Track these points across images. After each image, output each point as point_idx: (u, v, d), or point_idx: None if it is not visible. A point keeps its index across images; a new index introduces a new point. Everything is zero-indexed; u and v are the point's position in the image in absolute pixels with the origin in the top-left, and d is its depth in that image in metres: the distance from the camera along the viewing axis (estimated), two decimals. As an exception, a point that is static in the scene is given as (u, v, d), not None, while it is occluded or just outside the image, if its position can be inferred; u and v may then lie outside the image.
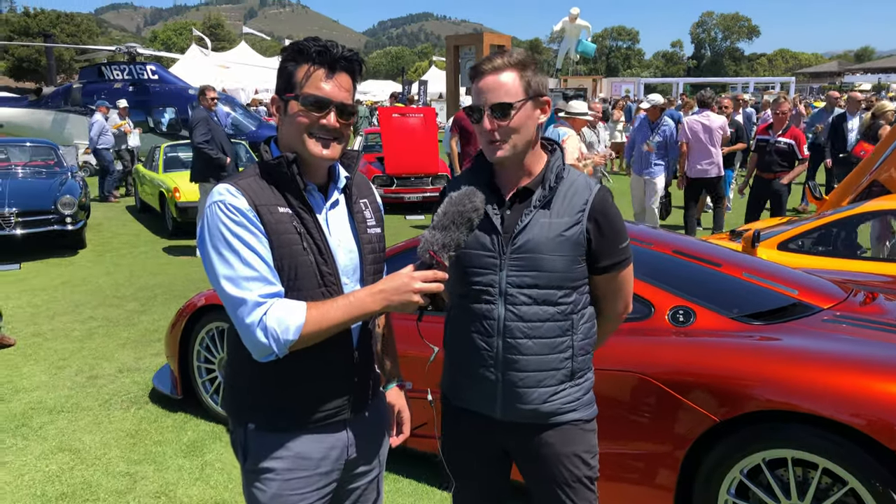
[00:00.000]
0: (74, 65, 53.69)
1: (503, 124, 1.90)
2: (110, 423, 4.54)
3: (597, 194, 1.97)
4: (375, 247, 1.96)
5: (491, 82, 1.91)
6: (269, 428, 1.84)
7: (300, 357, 1.75)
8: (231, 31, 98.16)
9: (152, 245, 10.30)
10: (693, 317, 3.11)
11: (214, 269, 1.71)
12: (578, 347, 2.02)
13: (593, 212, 1.95)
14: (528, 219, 1.95)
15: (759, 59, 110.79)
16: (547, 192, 1.96)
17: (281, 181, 1.78)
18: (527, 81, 1.91)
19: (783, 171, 8.34)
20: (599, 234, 1.96)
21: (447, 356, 2.17)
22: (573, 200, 1.96)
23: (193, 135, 8.52)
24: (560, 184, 1.97)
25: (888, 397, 2.54)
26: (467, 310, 2.04)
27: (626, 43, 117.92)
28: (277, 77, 1.83)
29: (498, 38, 15.93)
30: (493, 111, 1.90)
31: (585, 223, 1.95)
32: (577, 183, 1.99)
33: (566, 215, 1.95)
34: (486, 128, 1.92)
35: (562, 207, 1.95)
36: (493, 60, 1.92)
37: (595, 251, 1.98)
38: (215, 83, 27.24)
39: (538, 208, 1.95)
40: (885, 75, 59.87)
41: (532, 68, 1.93)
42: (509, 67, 1.90)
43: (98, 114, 14.54)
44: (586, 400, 2.07)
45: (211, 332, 4.45)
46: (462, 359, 2.09)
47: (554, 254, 1.93)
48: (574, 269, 1.97)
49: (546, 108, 1.97)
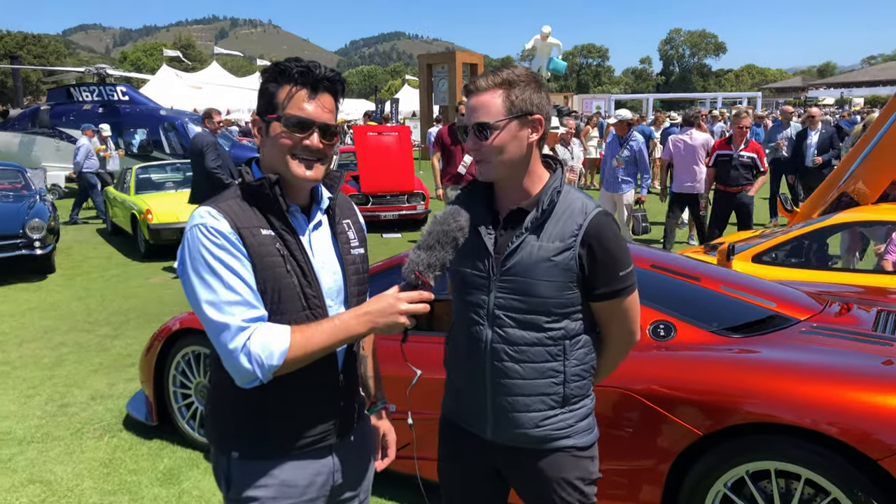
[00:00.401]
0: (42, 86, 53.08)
1: (484, 144, 1.88)
2: (83, 452, 4.43)
3: (593, 219, 1.89)
4: (359, 267, 1.94)
5: (474, 102, 1.90)
6: (253, 455, 1.80)
7: (285, 382, 1.72)
8: (202, 52, 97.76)
9: (124, 268, 10.15)
10: (674, 331, 3.13)
11: (196, 294, 1.67)
12: (571, 374, 1.95)
13: (587, 237, 1.87)
14: (519, 241, 1.90)
15: (727, 75, 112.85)
16: (540, 214, 1.91)
17: (263, 203, 1.76)
18: (511, 101, 1.87)
19: (748, 183, 8.46)
20: (594, 261, 1.88)
21: (446, 374, 2.16)
22: (566, 224, 1.89)
23: (205, 160, 8.43)
24: (555, 206, 1.91)
25: (867, 407, 2.57)
26: (461, 329, 2.03)
27: (596, 60, 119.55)
28: (259, 98, 1.81)
29: (470, 56, 16.08)
30: (476, 131, 1.89)
31: (578, 248, 1.87)
32: (573, 206, 1.91)
33: (557, 240, 1.88)
34: (468, 146, 1.92)
35: (554, 231, 1.89)
36: (478, 80, 1.91)
37: (590, 278, 1.90)
38: (187, 104, 27.17)
39: (529, 231, 1.90)
40: (847, 90, 61.29)
41: (521, 87, 1.88)
42: (495, 87, 1.88)
43: (84, 137, 14.38)
44: (583, 426, 2.01)
45: (187, 356, 4.38)
46: (456, 377, 2.08)
47: (542, 278, 1.88)
48: (564, 296, 1.90)
49: (539, 127, 1.91)
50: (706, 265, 4.21)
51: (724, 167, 8.50)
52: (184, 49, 76.09)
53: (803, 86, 77.43)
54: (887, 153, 6.42)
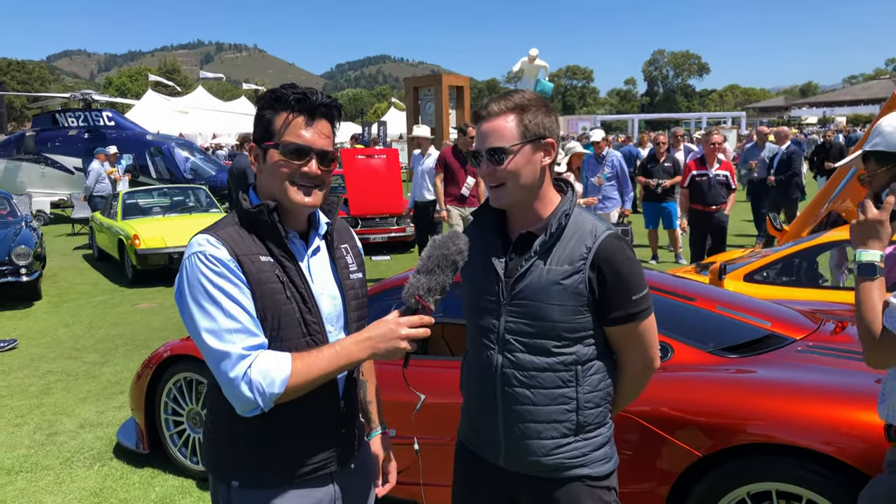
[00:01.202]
0: (26, 112, 52.91)
1: (499, 168, 1.87)
2: (72, 481, 4.35)
3: (602, 241, 1.85)
4: (358, 292, 1.93)
5: (487, 127, 1.89)
6: (253, 484, 1.78)
7: (285, 409, 1.69)
8: (188, 76, 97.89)
9: (111, 294, 10.05)
10: (671, 352, 3.12)
11: (195, 322, 1.65)
12: (585, 400, 1.91)
13: (597, 260, 1.84)
14: (528, 265, 1.89)
15: (711, 95, 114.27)
16: (548, 237, 1.89)
17: (261, 229, 1.75)
18: (525, 125, 1.87)
19: (724, 202, 8.49)
20: (604, 284, 1.85)
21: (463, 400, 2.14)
22: (575, 248, 1.87)
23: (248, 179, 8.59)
24: (563, 230, 1.89)
25: (865, 426, 2.57)
26: (474, 354, 2.02)
27: (581, 81, 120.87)
28: (255, 125, 1.80)
29: (456, 79, 16.14)
30: (489, 156, 1.89)
31: (587, 272, 1.84)
32: (583, 229, 1.89)
33: (566, 263, 1.86)
34: (482, 172, 1.91)
35: (562, 255, 1.87)
36: (490, 105, 1.91)
37: (601, 302, 1.86)
38: (173, 128, 27.13)
39: (538, 255, 1.89)
40: (830, 109, 62.19)
41: (533, 111, 1.88)
42: (507, 112, 1.88)
43: (96, 161, 14.41)
44: (598, 456, 1.96)
45: (179, 383, 4.33)
46: (470, 403, 2.07)
47: (551, 302, 1.85)
48: (575, 320, 1.87)
49: (551, 151, 1.91)
50: (701, 285, 4.22)
51: (700, 187, 8.50)
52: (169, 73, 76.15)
53: (786, 105, 78.55)
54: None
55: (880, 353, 1.94)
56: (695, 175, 8.54)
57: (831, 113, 56.23)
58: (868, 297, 1.95)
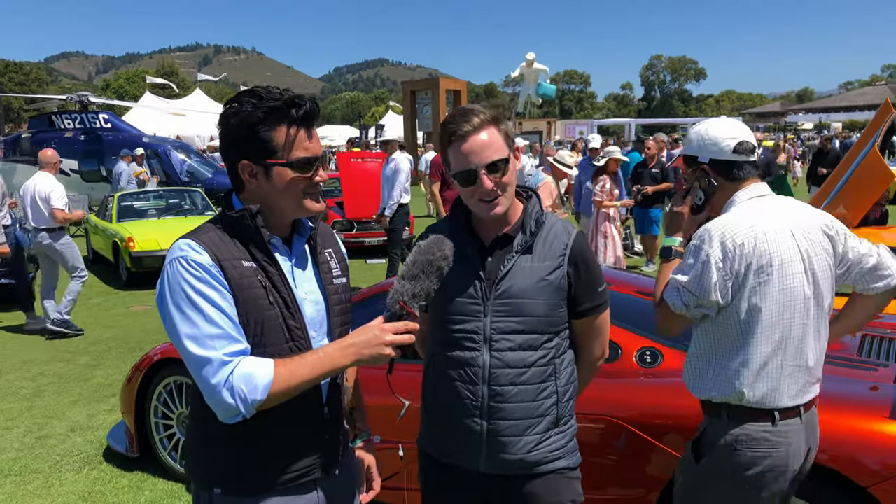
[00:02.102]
0: (23, 114, 52.81)
1: (502, 180, 1.92)
2: (61, 485, 4.33)
3: (576, 238, 2.00)
4: (342, 297, 1.92)
5: (478, 142, 1.91)
6: (236, 492, 1.76)
7: (269, 416, 1.68)
8: (186, 79, 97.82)
9: (105, 296, 10.03)
10: (660, 357, 3.12)
11: (176, 328, 1.64)
12: (562, 392, 2.01)
13: (574, 255, 1.97)
14: (511, 264, 1.96)
15: (707, 100, 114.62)
16: (528, 237, 1.97)
17: (244, 234, 1.73)
18: (505, 133, 1.94)
19: None
20: (579, 278, 1.98)
21: (425, 408, 2.11)
22: (554, 245, 1.98)
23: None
24: (541, 229, 2.00)
25: (855, 433, 2.57)
26: (449, 358, 2.01)
27: (579, 86, 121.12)
28: (244, 141, 1.70)
29: (453, 83, 16.21)
30: (490, 169, 1.90)
31: (566, 267, 1.96)
32: (556, 227, 2.01)
33: (548, 259, 1.96)
34: (488, 187, 1.91)
35: (543, 252, 1.97)
36: (470, 120, 1.91)
37: (575, 295, 1.99)
38: (170, 131, 27.09)
39: (520, 253, 1.96)
40: (826, 115, 62.37)
41: (504, 120, 1.95)
42: (488, 124, 1.92)
43: (122, 162, 14.42)
44: (571, 447, 2.06)
45: (169, 386, 4.31)
46: (444, 410, 2.04)
47: (537, 298, 1.94)
48: (556, 314, 1.97)
49: (518, 154, 1.99)
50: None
51: None
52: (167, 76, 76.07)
53: (782, 111, 78.73)
54: (867, 177, 6.49)
55: (659, 318, 2.31)
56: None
57: (827, 119, 56.39)
58: (663, 275, 2.31)
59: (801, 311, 2.14)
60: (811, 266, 2.16)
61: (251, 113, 1.69)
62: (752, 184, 2.27)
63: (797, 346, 2.15)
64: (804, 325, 2.16)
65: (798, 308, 2.14)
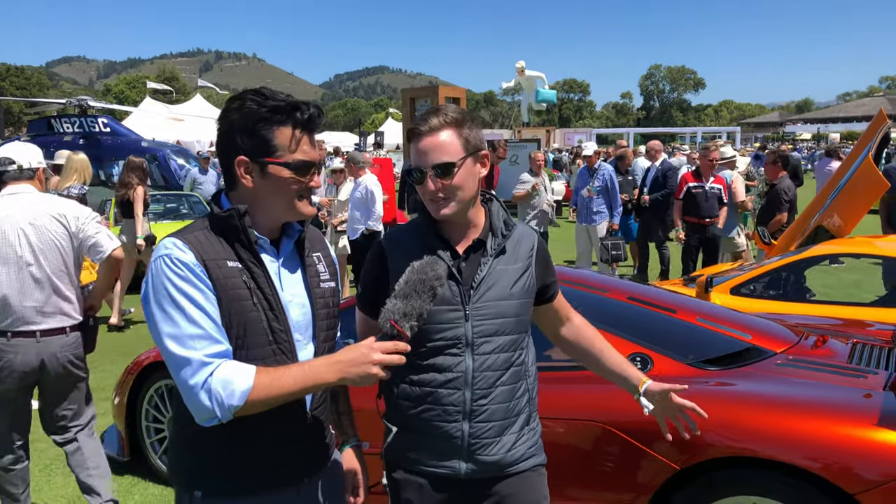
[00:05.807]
0: (24, 118, 52.88)
1: (447, 183, 1.90)
2: (50, 489, 4.32)
3: (538, 238, 2.12)
4: (329, 301, 1.91)
5: (430, 143, 1.90)
6: (217, 495, 1.75)
7: (252, 419, 1.66)
8: (186, 84, 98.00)
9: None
10: (650, 364, 3.11)
11: (158, 327, 1.63)
12: (532, 390, 2.07)
13: (538, 254, 2.07)
14: (487, 267, 1.97)
15: (706, 110, 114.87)
16: (500, 239, 2.00)
17: (231, 234, 1.73)
18: (465, 138, 1.92)
19: (717, 215, 8.47)
20: (544, 272, 2.09)
21: (395, 420, 2.03)
22: (522, 246, 2.04)
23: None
24: (512, 231, 2.03)
25: (844, 440, 2.56)
26: (427, 367, 1.95)
27: (578, 95, 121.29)
28: (243, 137, 1.71)
29: (452, 90, 16.23)
30: (436, 171, 1.89)
31: (533, 266, 2.04)
32: (522, 230, 2.09)
33: (519, 261, 2.02)
34: (430, 188, 1.91)
35: (515, 254, 2.02)
36: (429, 120, 1.91)
37: (543, 286, 2.10)
38: (170, 136, 27.10)
39: (494, 256, 1.98)
40: (824, 125, 62.53)
41: (468, 125, 1.93)
42: (446, 126, 1.90)
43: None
44: (540, 444, 2.11)
45: (160, 390, 4.31)
46: (420, 420, 1.97)
47: (513, 299, 1.98)
48: (527, 312, 2.05)
49: (486, 162, 1.99)
50: (682, 297, 4.21)
51: (695, 199, 8.46)
52: (167, 81, 76.11)
53: (780, 121, 78.93)
54: (861, 187, 6.51)
55: None
56: (691, 187, 8.53)
57: (825, 129, 56.50)
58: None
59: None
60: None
61: (255, 110, 1.70)
62: None
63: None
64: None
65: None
